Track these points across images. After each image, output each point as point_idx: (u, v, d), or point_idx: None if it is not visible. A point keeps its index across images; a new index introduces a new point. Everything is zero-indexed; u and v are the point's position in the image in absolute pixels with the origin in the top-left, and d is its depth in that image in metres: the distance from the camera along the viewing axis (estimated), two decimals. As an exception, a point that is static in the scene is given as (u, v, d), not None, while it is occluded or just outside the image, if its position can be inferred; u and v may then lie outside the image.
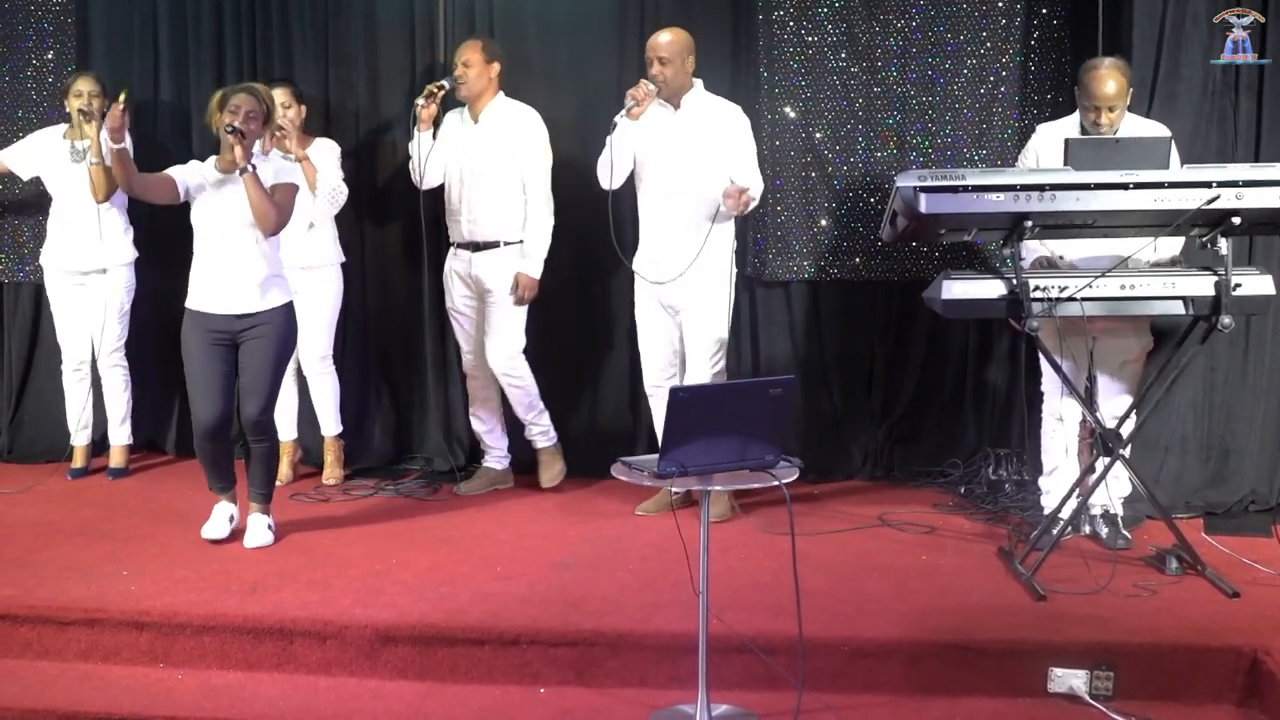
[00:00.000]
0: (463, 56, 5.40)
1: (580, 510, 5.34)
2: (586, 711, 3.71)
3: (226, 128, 4.58)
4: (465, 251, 5.49)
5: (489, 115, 5.45)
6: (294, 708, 3.74)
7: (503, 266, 5.43)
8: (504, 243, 5.43)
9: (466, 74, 5.38)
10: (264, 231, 4.63)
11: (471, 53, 5.39)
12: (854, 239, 5.76)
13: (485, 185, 5.40)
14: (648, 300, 5.24)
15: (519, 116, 5.45)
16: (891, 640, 3.85)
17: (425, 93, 5.32)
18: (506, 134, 5.41)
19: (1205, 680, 3.75)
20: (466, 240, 5.47)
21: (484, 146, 5.41)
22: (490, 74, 5.43)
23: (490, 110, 5.45)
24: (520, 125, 5.43)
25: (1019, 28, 5.58)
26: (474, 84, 5.40)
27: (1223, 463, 5.23)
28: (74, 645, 4.04)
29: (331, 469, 5.77)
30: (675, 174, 5.09)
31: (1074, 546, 4.58)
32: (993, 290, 4.40)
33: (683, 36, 5.08)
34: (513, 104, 5.49)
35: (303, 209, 5.29)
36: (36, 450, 6.17)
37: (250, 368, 4.70)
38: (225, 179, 4.66)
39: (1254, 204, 4.21)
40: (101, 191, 5.56)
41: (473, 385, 5.67)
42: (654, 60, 5.03)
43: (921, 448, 5.85)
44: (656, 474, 3.45)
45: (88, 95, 5.60)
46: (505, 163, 5.40)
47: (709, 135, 5.08)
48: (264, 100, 4.72)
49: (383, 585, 4.30)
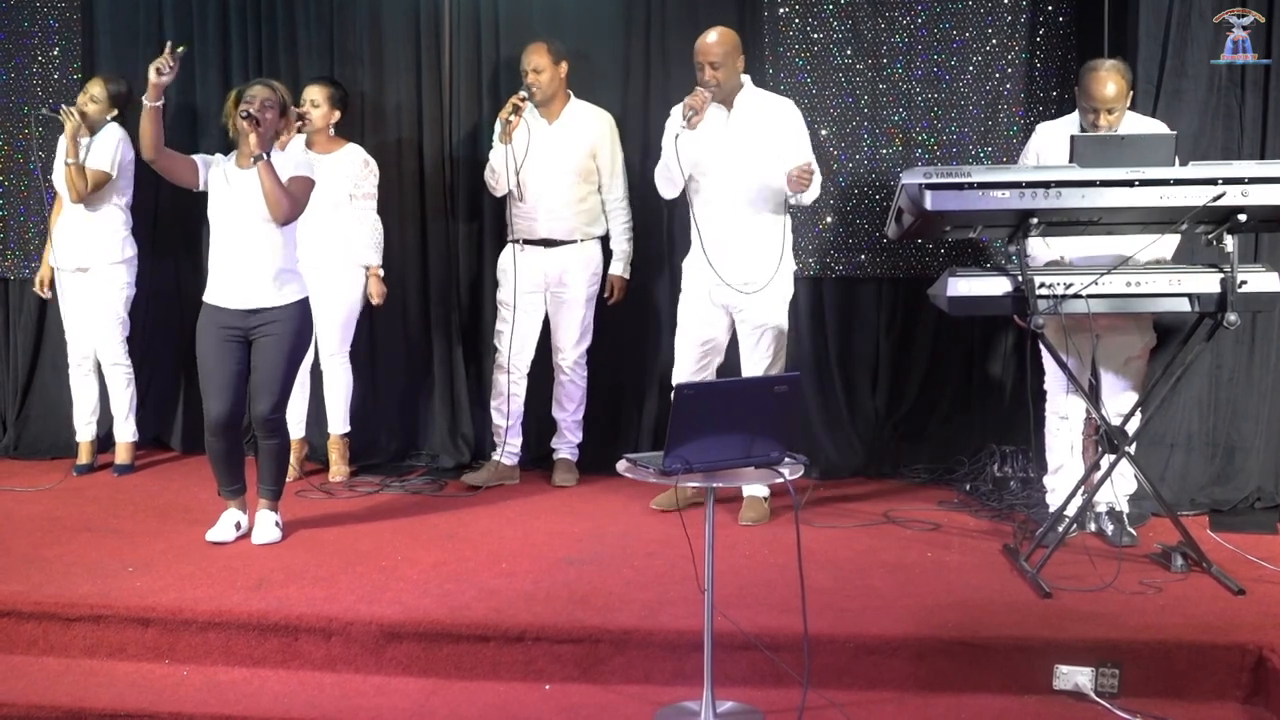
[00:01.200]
0: (531, 62, 5.43)
1: (585, 507, 5.35)
2: (591, 708, 3.71)
3: (241, 113, 4.59)
4: (536, 248, 5.53)
5: (566, 117, 5.51)
6: (299, 704, 3.74)
7: (579, 262, 5.55)
8: (580, 239, 5.54)
9: (539, 79, 5.43)
10: (276, 220, 4.63)
11: (539, 56, 5.43)
12: (859, 236, 5.76)
13: (565, 185, 5.47)
14: (699, 297, 5.15)
15: (597, 118, 5.55)
16: (897, 637, 3.85)
17: (510, 108, 5.30)
18: (585, 135, 5.50)
19: (1211, 678, 3.75)
20: (541, 238, 5.52)
21: (563, 147, 5.47)
22: (560, 75, 5.49)
23: (567, 112, 5.52)
24: (598, 127, 5.54)
25: (1024, 25, 5.58)
26: (548, 88, 5.45)
27: (1228, 460, 5.22)
28: (80, 641, 4.04)
29: (337, 466, 5.78)
30: (736, 175, 5.02)
31: (1079, 544, 4.57)
32: (998, 287, 4.39)
33: (730, 36, 5.02)
34: (587, 105, 5.58)
35: (322, 207, 5.33)
36: (43, 446, 6.18)
37: (262, 365, 4.70)
38: (242, 174, 4.66)
39: (1260, 201, 4.20)
40: (73, 191, 5.57)
41: (504, 380, 5.63)
42: (705, 65, 4.95)
43: (927, 445, 5.85)
44: (662, 471, 3.46)
45: (88, 98, 5.64)
46: (585, 163, 5.49)
47: (766, 132, 5.03)
48: (280, 93, 4.73)
49: (388, 582, 4.31)
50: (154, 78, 4.43)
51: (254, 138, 4.58)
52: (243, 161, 4.68)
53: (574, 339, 5.63)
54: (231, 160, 4.73)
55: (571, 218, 5.52)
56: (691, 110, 4.86)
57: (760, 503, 5.11)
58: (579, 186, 5.52)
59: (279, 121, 4.71)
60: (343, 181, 5.61)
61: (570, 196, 5.50)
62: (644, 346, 5.95)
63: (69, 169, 5.54)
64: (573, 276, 5.57)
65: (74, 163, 5.53)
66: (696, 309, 5.17)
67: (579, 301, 5.59)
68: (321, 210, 5.52)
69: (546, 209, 5.50)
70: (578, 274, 5.57)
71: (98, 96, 5.65)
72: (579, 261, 5.57)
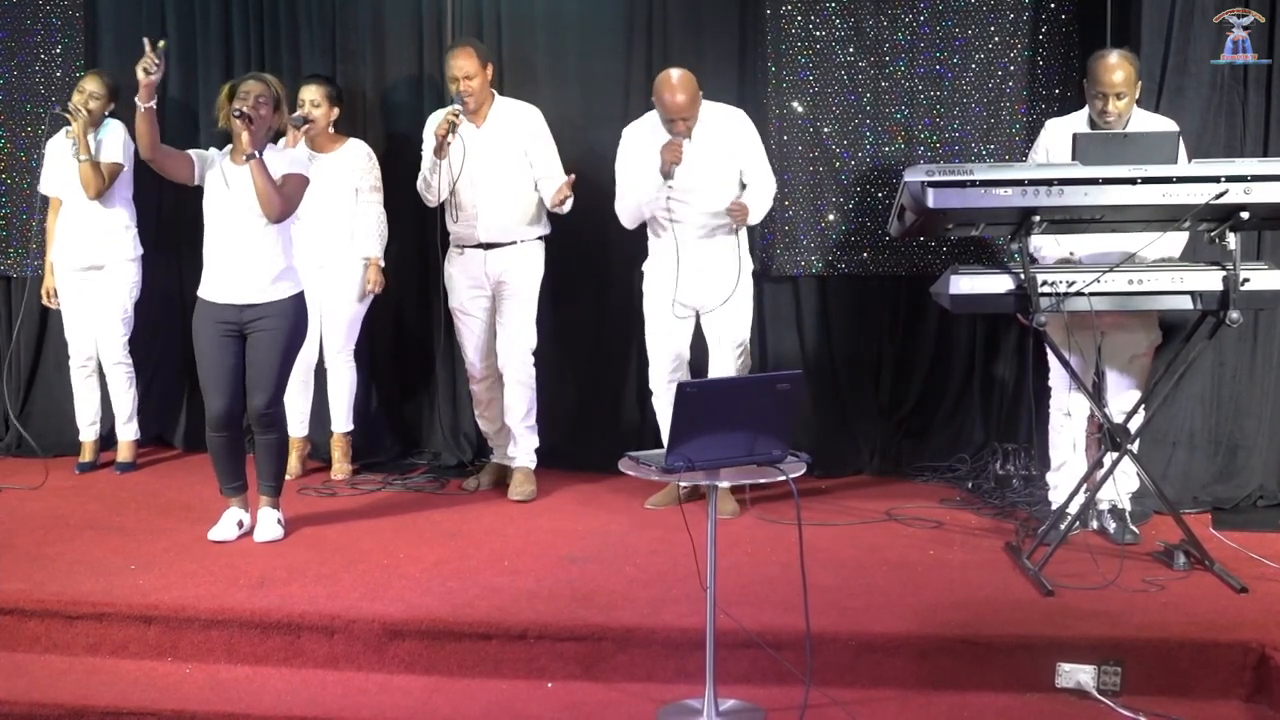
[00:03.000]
0: (460, 69, 5.26)
1: (588, 505, 5.35)
2: (594, 706, 3.71)
3: (234, 112, 4.57)
4: (477, 251, 5.45)
5: (493, 118, 5.42)
6: (301, 702, 3.74)
7: (520, 263, 5.44)
8: (520, 240, 5.44)
9: (470, 85, 5.28)
10: (268, 217, 4.61)
11: (467, 61, 5.27)
12: (862, 234, 5.76)
13: (499, 187, 5.38)
14: (660, 301, 5.21)
15: (522, 115, 5.43)
16: (899, 635, 3.85)
17: (447, 124, 5.19)
18: (514, 134, 5.39)
19: (1213, 676, 3.74)
20: (481, 241, 5.43)
21: (493, 149, 5.37)
22: (488, 77, 5.39)
23: (494, 113, 5.42)
24: (525, 123, 5.41)
25: (1027, 22, 5.58)
26: (479, 94, 5.33)
27: (1231, 458, 5.22)
28: (82, 639, 4.05)
29: (340, 464, 5.78)
30: (698, 196, 5.05)
31: (1081, 542, 4.57)
32: (1001, 285, 4.39)
33: (690, 82, 4.95)
34: (511, 103, 5.47)
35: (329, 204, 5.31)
36: (45, 444, 6.18)
37: (256, 360, 4.70)
38: (236, 170, 4.65)
39: (1262, 198, 4.19)
40: (91, 188, 5.57)
41: (479, 389, 5.62)
42: (678, 120, 4.95)
43: (929, 443, 5.85)
44: (664, 469, 3.46)
45: (88, 95, 5.61)
46: (517, 162, 5.39)
47: (722, 148, 5.06)
48: (274, 88, 4.70)
49: (390, 580, 4.31)
50: (143, 78, 4.40)
51: (246, 136, 4.56)
52: (236, 159, 4.67)
53: (515, 339, 5.46)
54: (226, 154, 4.73)
55: (510, 220, 5.39)
56: (674, 163, 4.92)
57: (727, 496, 5.15)
58: (514, 187, 5.38)
59: (273, 117, 4.68)
60: (349, 176, 5.61)
61: (506, 199, 5.37)
62: (640, 347, 5.94)
63: (84, 166, 5.53)
64: (513, 276, 5.43)
65: (88, 159, 5.52)
66: (660, 319, 5.23)
67: (519, 303, 5.44)
68: (328, 208, 5.53)
69: (485, 213, 5.37)
70: (518, 274, 5.43)
71: (97, 93, 5.63)
72: (519, 262, 5.43)
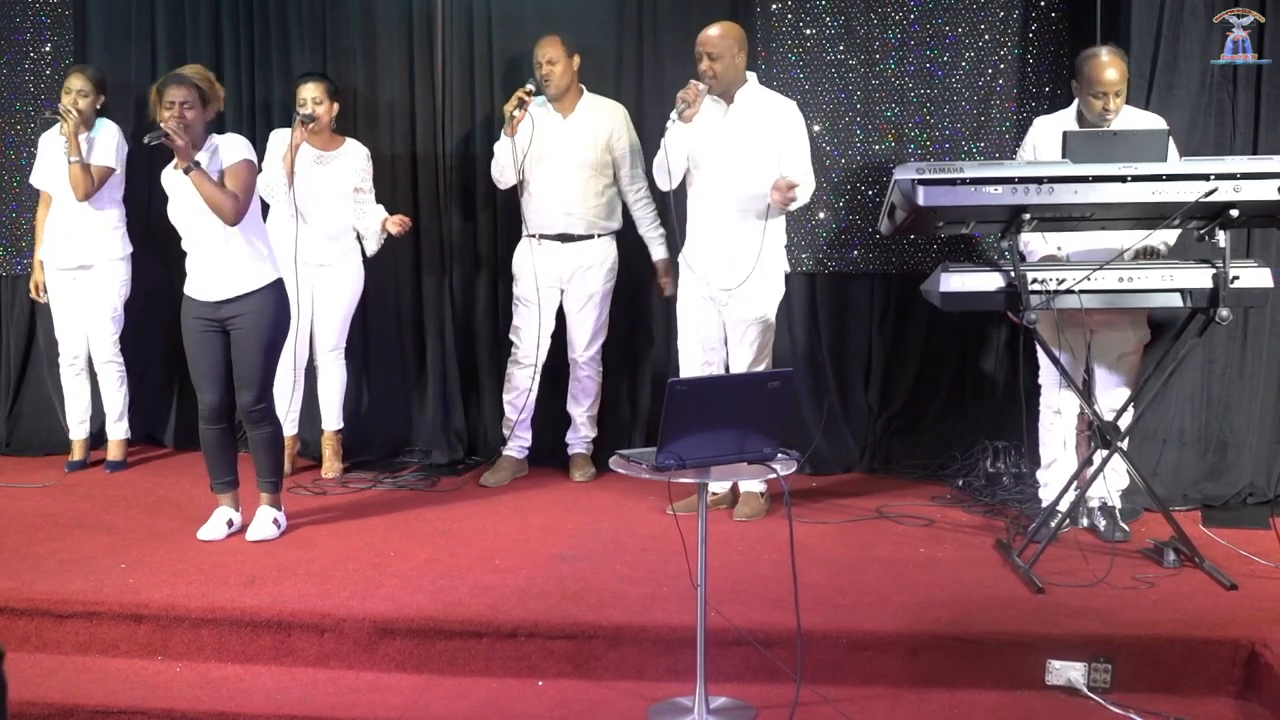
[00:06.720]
0: (545, 54, 5.38)
1: (579, 503, 5.34)
2: (585, 704, 3.71)
3: (157, 138, 4.51)
4: (552, 243, 5.50)
5: (580, 110, 5.48)
6: (292, 700, 3.74)
7: (595, 258, 5.52)
8: (597, 235, 5.51)
9: (553, 70, 5.38)
10: (227, 222, 4.56)
11: (553, 49, 5.38)
12: (852, 232, 5.76)
13: (580, 179, 5.44)
14: (694, 294, 5.13)
15: (611, 111, 5.52)
16: (890, 632, 3.86)
17: (516, 100, 5.25)
18: (601, 129, 5.47)
19: (1203, 672, 3.76)
20: (558, 233, 5.48)
21: (578, 142, 5.44)
22: (573, 68, 5.46)
23: (581, 105, 5.49)
24: (612, 119, 5.51)
25: (1017, 20, 5.58)
26: (560, 81, 5.41)
27: (1220, 455, 5.23)
28: (72, 638, 4.04)
29: (330, 462, 5.77)
30: (729, 172, 4.97)
31: (1072, 539, 4.58)
32: (991, 283, 4.40)
33: (733, 30, 4.96)
34: (600, 98, 5.55)
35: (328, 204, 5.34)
36: (35, 443, 6.17)
37: (240, 358, 4.69)
38: (183, 178, 4.58)
39: (1252, 196, 4.20)
40: (80, 190, 5.54)
41: (519, 374, 5.61)
42: (703, 56, 4.88)
43: (920, 440, 5.85)
44: (654, 466, 3.46)
45: (75, 94, 5.57)
46: (600, 156, 5.46)
47: (763, 131, 4.96)
48: (199, 82, 4.59)
49: (381, 578, 4.30)
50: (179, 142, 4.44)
51: (178, 151, 4.51)
52: (178, 164, 4.59)
53: (589, 335, 5.60)
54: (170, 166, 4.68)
55: (587, 212, 5.47)
56: (684, 103, 4.81)
57: (756, 498, 5.09)
58: (594, 180, 5.47)
59: (203, 113, 4.60)
60: (349, 176, 5.61)
61: (586, 191, 5.45)
62: (639, 342, 5.95)
63: (74, 168, 5.50)
64: (589, 272, 5.53)
65: (79, 161, 5.50)
66: (690, 307, 5.16)
67: (595, 298, 5.56)
68: (328, 207, 5.53)
69: (562, 204, 5.45)
70: (594, 270, 5.53)
71: (84, 89, 5.58)
72: (595, 257, 5.53)
